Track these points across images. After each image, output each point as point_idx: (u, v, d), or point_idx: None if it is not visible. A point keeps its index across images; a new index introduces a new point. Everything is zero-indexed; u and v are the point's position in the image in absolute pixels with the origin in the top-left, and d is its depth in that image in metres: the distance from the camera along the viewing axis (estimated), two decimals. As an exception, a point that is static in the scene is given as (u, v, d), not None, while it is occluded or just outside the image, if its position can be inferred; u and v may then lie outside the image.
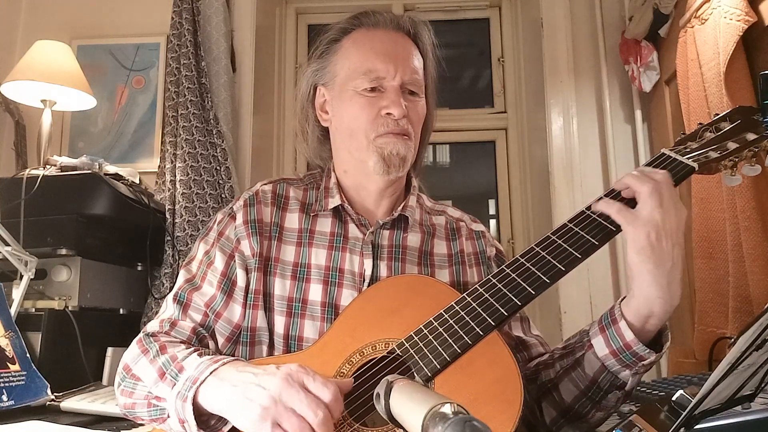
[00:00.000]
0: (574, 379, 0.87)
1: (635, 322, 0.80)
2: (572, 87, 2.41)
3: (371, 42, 1.01)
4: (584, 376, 0.86)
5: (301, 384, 0.75)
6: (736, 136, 0.90)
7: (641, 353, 0.80)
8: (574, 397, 0.88)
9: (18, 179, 1.71)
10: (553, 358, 0.92)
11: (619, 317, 0.82)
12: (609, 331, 0.82)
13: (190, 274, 1.00)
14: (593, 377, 0.85)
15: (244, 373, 0.80)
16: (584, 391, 0.87)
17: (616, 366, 0.82)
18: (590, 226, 0.84)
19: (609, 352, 0.82)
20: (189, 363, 0.85)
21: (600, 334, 0.83)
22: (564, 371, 0.89)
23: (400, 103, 0.97)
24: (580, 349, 0.87)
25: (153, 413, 0.89)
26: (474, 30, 3.00)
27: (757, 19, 1.53)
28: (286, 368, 0.77)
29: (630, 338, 0.80)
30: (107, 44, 2.50)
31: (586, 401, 0.87)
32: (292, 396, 0.74)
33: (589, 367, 0.85)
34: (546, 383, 0.92)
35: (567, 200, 2.33)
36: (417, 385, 0.55)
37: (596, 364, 0.84)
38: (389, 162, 0.98)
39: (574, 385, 0.88)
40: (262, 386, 0.76)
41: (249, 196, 1.04)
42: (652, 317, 0.80)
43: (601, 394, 0.85)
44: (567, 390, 0.89)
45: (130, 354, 0.93)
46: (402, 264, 1.00)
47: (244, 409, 0.76)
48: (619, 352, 0.81)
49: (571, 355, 0.88)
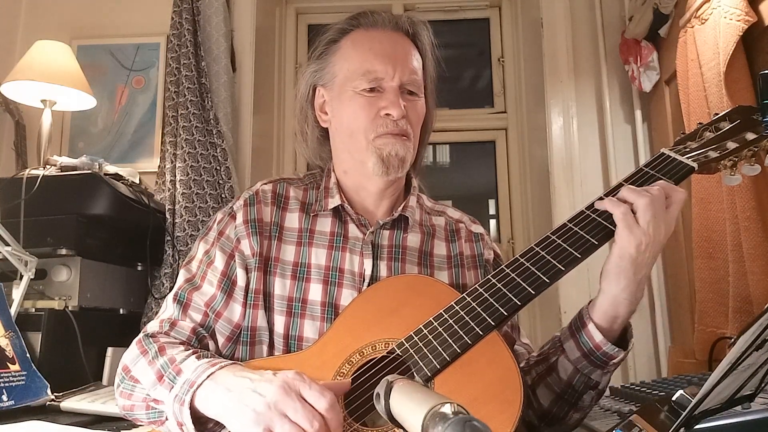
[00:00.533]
0: (550, 384, 0.90)
1: (603, 324, 0.84)
2: (572, 87, 2.41)
3: (370, 42, 1.01)
4: (559, 379, 0.89)
5: (297, 392, 0.75)
6: (736, 136, 0.90)
7: (611, 353, 0.84)
8: (551, 401, 0.91)
9: (18, 179, 1.71)
10: (529, 365, 0.95)
11: (587, 320, 0.85)
12: (579, 334, 0.86)
13: (190, 273, 1.00)
14: (567, 380, 0.88)
15: (241, 378, 0.79)
16: (560, 394, 0.90)
17: (588, 367, 0.86)
18: (590, 226, 0.84)
19: (580, 355, 0.85)
20: (187, 366, 0.85)
21: (570, 339, 0.87)
22: (539, 377, 0.92)
23: (399, 103, 0.97)
24: (553, 354, 0.90)
25: (151, 415, 0.89)
26: (474, 30, 3.00)
27: (757, 19, 1.53)
28: (283, 375, 0.77)
29: (599, 339, 0.84)
30: (107, 44, 2.50)
31: (563, 404, 0.90)
32: (287, 404, 0.74)
33: (563, 371, 0.88)
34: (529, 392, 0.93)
35: (567, 200, 2.33)
36: (417, 385, 0.55)
37: (569, 367, 0.87)
38: (388, 163, 0.98)
39: (550, 390, 0.91)
40: (258, 392, 0.76)
41: (249, 196, 1.04)
42: (618, 318, 0.84)
43: (576, 395, 0.89)
44: (544, 395, 0.92)
45: (129, 355, 0.93)
46: (402, 264, 1.01)
47: (239, 413, 0.76)
48: (590, 353, 0.85)
49: (545, 361, 0.91)
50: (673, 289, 2.12)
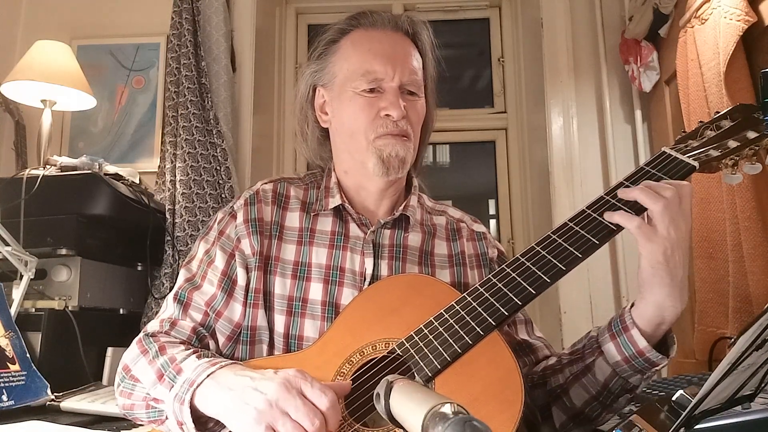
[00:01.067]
0: (585, 385, 0.88)
1: (647, 329, 0.82)
2: (572, 87, 2.41)
3: (369, 43, 1.01)
4: (595, 381, 0.87)
5: (299, 390, 0.75)
6: (737, 135, 0.90)
7: (654, 359, 0.82)
8: (584, 401, 0.89)
9: (18, 179, 1.71)
10: (562, 364, 0.92)
11: (630, 325, 0.83)
12: (620, 338, 0.83)
13: (191, 273, 1.00)
14: (604, 382, 0.86)
15: (241, 377, 0.79)
16: (595, 396, 0.87)
17: (627, 371, 0.84)
18: (590, 226, 0.84)
19: (621, 359, 0.83)
20: (187, 365, 0.85)
21: (611, 341, 0.84)
22: (574, 377, 0.89)
23: (399, 104, 0.97)
24: (590, 355, 0.87)
25: (151, 415, 0.89)
26: (474, 30, 3.00)
27: (757, 19, 1.53)
28: (284, 373, 0.77)
29: (643, 345, 0.81)
30: (107, 44, 2.50)
31: (597, 405, 0.88)
32: (288, 402, 0.73)
33: (600, 373, 0.86)
34: (555, 388, 0.91)
35: (567, 200, 2.33)
36: (417, 385, 0.55)
37: (607, 370, 0.85)
38: (388, 163, 0.98)
39: (584, 390, 0.88)
40: (259, 390, 0.75)
41: (250, 195, 1.04)
42: (663, 324, 0.82)
43: (612, 398, 0.87)
44: (577, 395, 0.89)
45: (129, 354, 0.93)
46: (403, 263, 1.00)
47: (240, 412, 0.75)
48: (632, 358, 0.82)
49: (580, 361, 0.89)
50: (673, 289, 2.11)
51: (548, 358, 1.00)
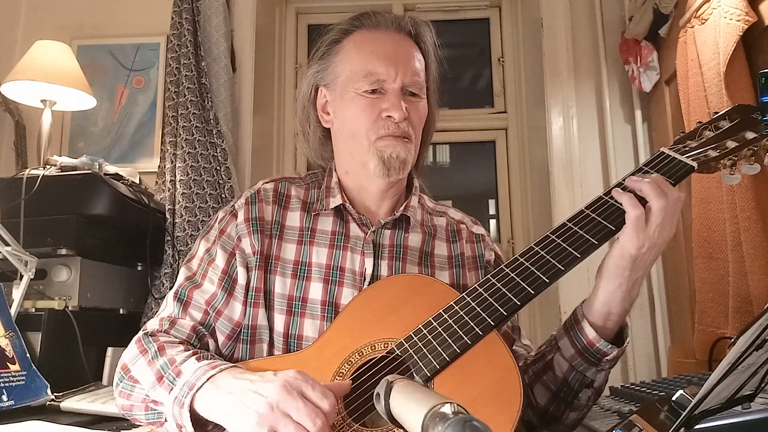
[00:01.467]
0: (546, 382, 0.91)
1: (597, 321, 0.85)
2: (572, 87, 2.41)
3: (372, 44, 1.01)
4: (555, 377, 0.90)
5: (300, 392, 0.75)
6: (736, 135, 0.90)
7: (604, 349, 0.85)
8: (547, 399, 0.91)
9: (18, 179, 1.71)
10: (527, 364, 0.95)
11: (581, 317, 0.87)
12: (572, 331, 0.87)
13: (191, 271, 1.00)
14: (563, 378, 0.89)
15: (241, 380, 0.79)
16: (556, 392, 0.90)
17: (582, 364, 0.86)
18: (590, 226, 0.84)
19: (574, 352, 0.86)
20: (187, 367, 0.85)
21: (565, 336, 0.88)
22: (536, 375, 0.92)
23: (401, 105, 0.97)
24: (549, 352, 0.91)
25: (150, 416, 0.89)
26: (474, 30, 3.00)
27: (757, 19, 1.53)
28: (284, 375, 0.77)
29: (592, 336, 0.85)
30: (107, 44, 2.50)
31: (559, 402, 0.91)
32: (290, 404, 0.73)
33: (558, 369, 0.89)
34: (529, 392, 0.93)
35: (567, 200, 2.32)
36: (417, 385, 0.55)
37: (564, 365, 0.88)
38: (389, 165, 0.98)
39: (546, 388, 0.91)
40: (260, 393, 0.75)
41: (251, 195, 1.04)
42: (612, 315, 0.85)
43: (572, 393, 0.89)
44: (540, 393, 0.92)
45: (128, 354, 0.93)
46: (403, 264, 1.01)
47: (241, 416, 0.75)
48: (584, 350, 0.85)
49: (541, 359, 0.92)
50: (673, 289, 2.12)
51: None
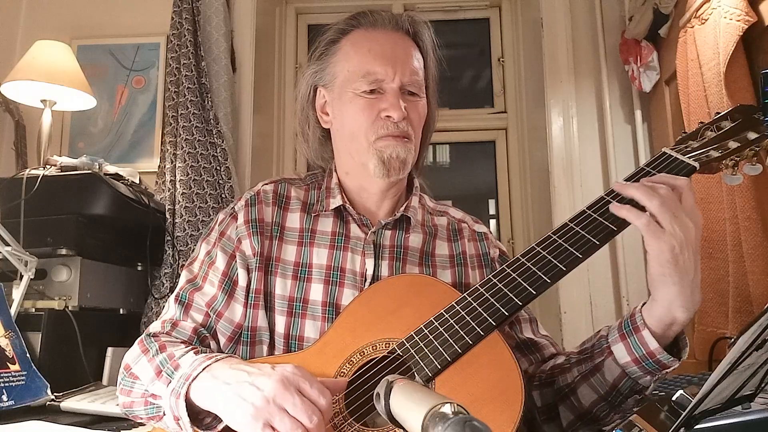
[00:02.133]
0: (593, 385, 0.87)
1: (658, 330, 0.80)
2: (572, 87, 2.41)
3: (370, 44, 1.00)
4: (604, 381, 0.85)
5: (297, 387, 0.75)
6: (737, 135, 0.90)
7: (665, 361, 0.80)
8: (592, 401, 0.88)
9: (18, 179, 1.71)
10: (570, 363, 0.91)
11: (641, 325, 0.81)
12: (631, 339, 0.82)
13: (192, 274, 1.00)
14: (613, 383, 0.84)
15: (238, 371, 0.79)
16: (604, 396, 0.86)
17: (637, 372, 0.82)
18: (591, 226, 0.84)
19: (631, 360, 0.82)
20: (184, 360, 0.85)
21: (621, 341, 0.83)
22: (582, 376, 0.88)
23: (399, 105, 0.96)
24: (599, 355, 0.86)
25: (150, 411, 0.89)
26: (474, 30, 3.00)
27: (757, 19, 1.53)
28: (282, 369, 0.77)
29: (654, 347, 0.80)
30: (107, 44, 2.50)
31: (605, 405, 0.87)
32: (286, 399, 0.74)
33: (609, 373, 0.85)
34: (563, 387, 0.91)
35: (567, 200, 2.33)
36: (417, 385, 0.55)
37: (617, 371, 0.83)
38: (389, 165, 0.97)
39: (593, 390, 0.87)
40: (256, 386, 0.75)
41: (250, 196, 1.04)
42: (675, 324, 0.80)
43: (621, 398, 0.85)
44: (585, 395, 0.88)
45: (131, 354, 0.93)
46: (403, 264, 1.00)
47: (237, 407, 0.76)
48: (642, 359, 0.81)
49: (589, 360, 0.88)
50: (673, 289, 2.11)
51: (555, 356, 0.99)
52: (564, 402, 0.91)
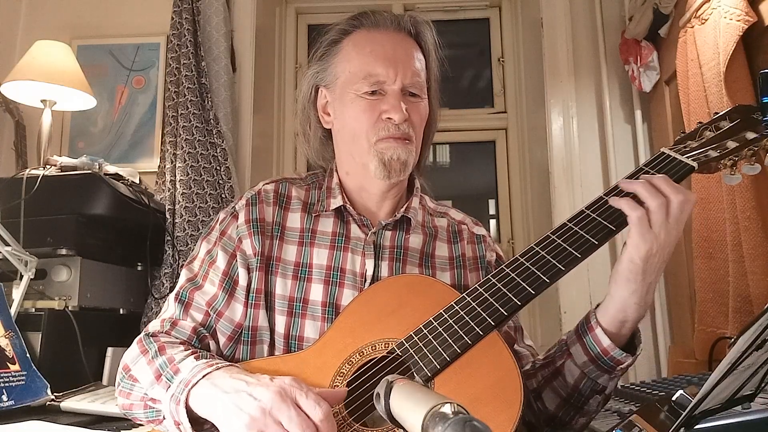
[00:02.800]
0: (556, 388, 0.89)
1: (611, 328, 0.83)
2: (572, 87, 2.41)
3: (371, 45, 1.00)
4: (565, 384, 0.88)
5: (293, 400, 0.75)
6: (736, 135, 0.90)
7: (618, 357, 0.83)
8: (556, 405, 0.90)
9: (18, 179, 1.71)
10: (535, 369, 0.94)
11: (595, 324, 0.84)
12: (586, 338, 0.85)
13: (192, 273, 1.00)
14: (574, 384, 0.87)
15: (237, 380, 0.79)
16: (566, 398, 0.89)
17: (595, 372, 0.85)
18: (590, 226, 0.84)
19: (587, 359, 0.84)
20: (185, 365, 0.85)
21: (577, 342, 0.86)
22: (545, 381, 0.91)
23: (401, 107, 0.96)
24: (559, 358, 0.89)
25: (149, 414, 0.89)
26: (474, 30, 3.00)
27: (757, 19, 1.53)
28: (280, 381, 0.77)
29: (607, 344, 0.83)
30: (107, 44, 2.50)
31: (569, 408, 0.89)
32: (282, 411, 0.73)
33: (569, 375, 0.87)
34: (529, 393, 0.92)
35: (567, 200, 2.33)
36: (417, 385, 0.55)
37: (576, 372, 0.86)
38: (390, 167, 0.97)
39: (556, 394, 0.90)
40: (254, 396, 0.75)
41: (251, 196, 1.03)
42: (627, 322, 0.83)
43: (583, 399, 0.88)
44: (549, 399, 0.91)
45: (130, 354, 0.93)
46: (403, 265, 1.00)
47: (233, 416, 0.75)
48: (597, 358, 0.84)
49: (551, 364, 0.90)
50: (673, 289, 2.12)
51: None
52: (530, 408, 0.92)
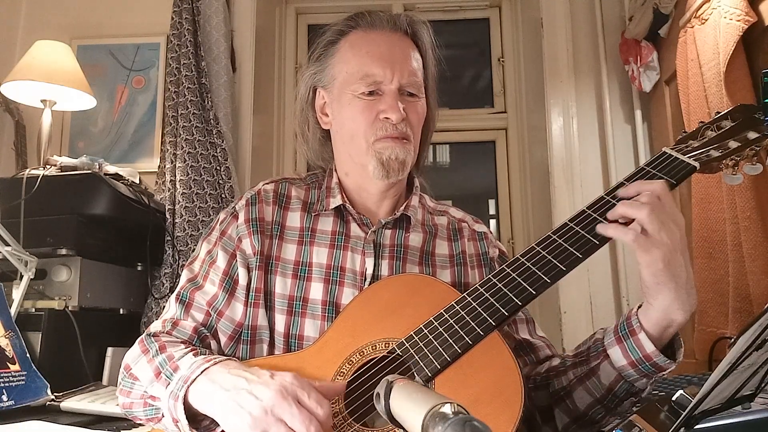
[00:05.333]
0: (589, 388, 0.87)
1: (654, 333, 0.80)
2: (572, 87, 2.41)
3: (368, 45, 1.00)
4: (600, 384, 0.85)
5: (295, 398, 0.75)
6: (738, 135, 0.90)
7: (661, 364, 0.80)
8: (588, 404, 0.88)
9: (18, 179, 1.71)
10: (566, 366, 0.91)
11: (638, 328, 0.81)
12: (627, 342, 0.82)
13: (193, 273, 1.00)
14: (609, 386, 0.84)
15: (236, 377, 0.79)
16: (599, 399, 0.86)
17: (634, 375, 0.82)
18: (591, 226, 0.84)
19: (627, 363, 0.82)
20: (183, 362, 0.85)
21: (617, 345, 0.83)
22: (578, 380, 0.88)
23: (398, 107, 0.96)
24: (594, 358, 0.86)
25: (148, 412, 0.89)
26: (474, 30, 3.00)
27: (757, 19, 1.53)
28: (281, 379, 0.77)
29: (650, 350, 0.80)
30: (107, 44, 2.50)
31: (601, 408, 0.87)
32: (284, 410, 0.73)
33: (605, 377, 0.85)
34: (559, 391, 0.91)
35: (567, 200, 2.33)
36: (417, 385, 0.55)
37: (613, 374, 0.84)
38: (388, 167, 0.97)
39: (588, 393, 0.87)
40: (254, 395, 0.75)
41: (251, 195, 1.04)
42: (671, 327, 0.80)
43: (617, 401, 0.86)
44: (581, 398, 0.88)
45: (131, 354, 0.93)
46: (403, 264, 1.00)
47: (234, 415, 0.75)
48: (639, 363, 0.81)
49: (585, 363, 0.88)
50: (673, 289, 2.11)
51: (550, 358, 0.99)
52: (559, 405, 0.91)
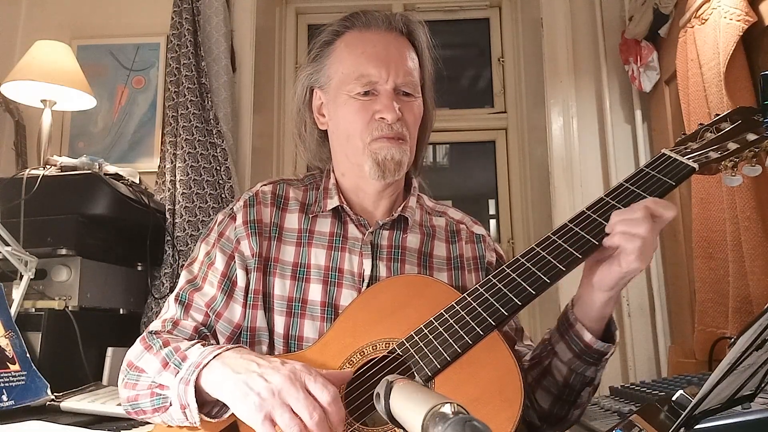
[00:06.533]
0: (547, 387, 0.92)
1: (591, 324, 0.86)
2: (572, 87, 2.41)
3: (363, 45, 1.00)
4: (555, 381, 0.90)
5: (302, 383, 0.76)
6: (737, 137, 0.90)
7: (601, 349, 0.86)
8: (550, 402, 0.92)
9: (18, 179, 1.71)
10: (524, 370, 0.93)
11: (574, 321, 0.87)
12: (568, 335, 0.87)
13: (192, 274, 1.00)
14: (563, 381, 0.89)
15: (248, 361, 0.81)
16: (558, 395, 0.91)
17: (581, 366, 0.87)
18: (591, 227, 0.84)
19: (572, 356, 0.87)
20: (192, 351, 0.86)
21: (561, 341, 0.88)
22: (535, 381, 0.93)
23: (393, 107, 0.96)
24: (545, 357, 0.91)
25: (156, 402, 0.88)
26: (474, 30, 3.00)
27: (757, 19, 1.53)
28: (291, 365, 0.79)
29: (589, 339, 0.85)
30: (107, 44, 2.50)
31: (563, 404, 0.92)
32: (291, 393, 0.75)
33: (558, 373, 0.90)
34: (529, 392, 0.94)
35: (567, 200, 2.33)
36: (417, 385, 0.55)
37: (563, 369, 0.89)
38: (384, 167, 0.98)
39: (547, 393, 0.92)
40: (265, 378, 0.77)
41: (249, 197, 1.04)
42: (605, 318, 0.86)
43: (574, 394, 0.90)
44: (542, 398, 0.93)
45: (133, 352, 0.93)
46: (401, 265, 1.00)
47: (243, 395, 0.77)
48: (582, 353, 0.86)
49: (538, 365, 0.92)
50: (673, 289, 2.12)
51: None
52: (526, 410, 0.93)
